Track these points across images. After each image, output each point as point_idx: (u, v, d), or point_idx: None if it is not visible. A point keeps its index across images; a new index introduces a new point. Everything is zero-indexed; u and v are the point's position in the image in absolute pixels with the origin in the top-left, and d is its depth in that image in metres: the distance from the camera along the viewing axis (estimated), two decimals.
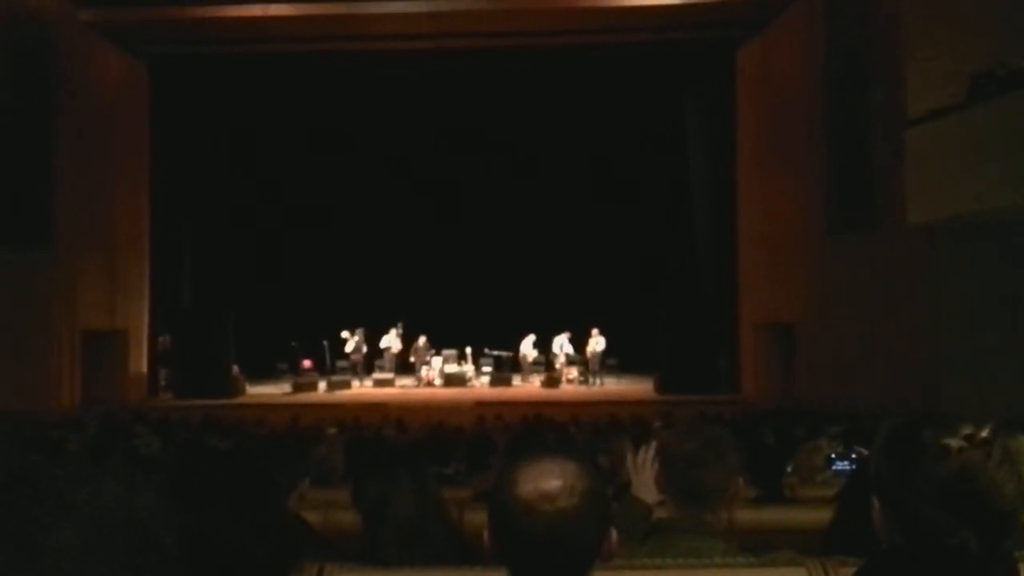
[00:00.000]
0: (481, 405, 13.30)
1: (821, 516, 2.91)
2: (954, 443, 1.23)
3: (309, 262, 18.99)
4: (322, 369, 17.37)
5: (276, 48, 15.54)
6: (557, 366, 17.00)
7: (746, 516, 3.08)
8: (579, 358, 17.04)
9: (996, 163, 8.90)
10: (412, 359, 17.33)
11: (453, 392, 16.20)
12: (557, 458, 1.38)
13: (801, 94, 13.54)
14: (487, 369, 17.56)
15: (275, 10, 14.11)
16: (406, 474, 2.42)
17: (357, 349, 17.21)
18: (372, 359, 17.64)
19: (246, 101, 16.85)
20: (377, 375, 17.22)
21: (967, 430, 1.24)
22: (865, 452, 4.03)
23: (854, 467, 3.93)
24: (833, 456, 4.24)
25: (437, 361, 17.39)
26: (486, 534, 1.41)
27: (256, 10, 14.07)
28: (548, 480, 1.32)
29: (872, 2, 11.77)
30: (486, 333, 17.34)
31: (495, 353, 17.62)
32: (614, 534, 1.40)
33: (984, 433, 1.24)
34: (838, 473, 4.11)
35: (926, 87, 10.03)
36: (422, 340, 17.26)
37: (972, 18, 9.69)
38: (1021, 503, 1.21)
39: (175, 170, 16.37)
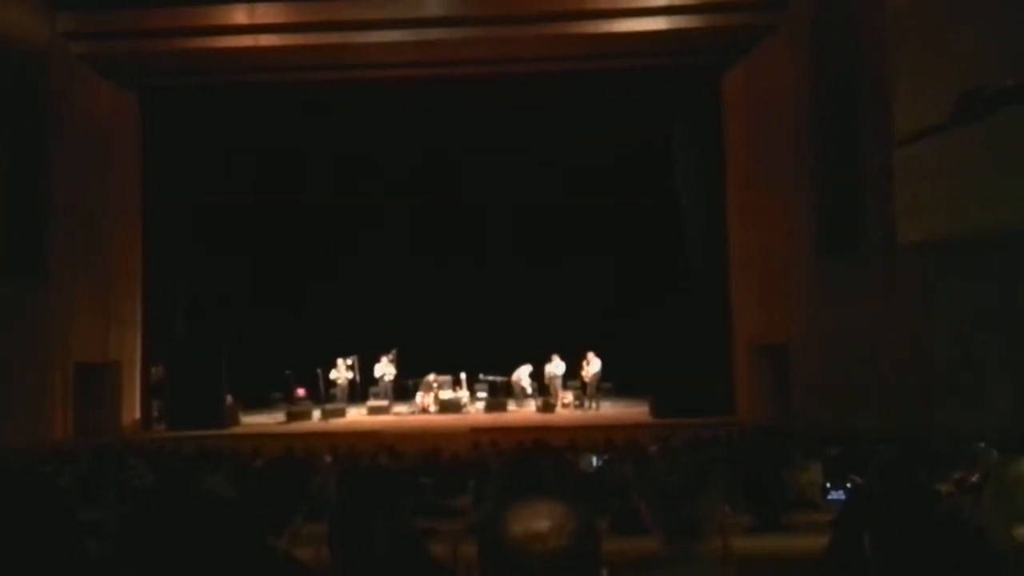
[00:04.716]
0: (477, 431, 13.25)
1: (818, 543, 2.90)
2: (944, 488, 1.24)
3: (302, 291, 18.99)
4: (316, 397, 17.33)
5: (266, 77, 15.62)
6: (549, 386, 16.98)
7: (742, 544, 3.06)
8: (575, 383, 17.05)
9: (985, 182, 8.96)
10: (419, 393, 17.25)
11: (448, 418, 16.15)
12: (547, 498, 1.38)
13: (788, 116, 13.65)
14: (482, 395, 17.54)
15: (265, 40, 14.22)
16: (381, 513, 2.38)
17: (342, 375, 17.19)
18: (367, 387, 17.61)
19: (237, 130, 16.89)
20: (372, 402, 17.16)
21: (958, 473, 1.25)
22: (860, 480, 4.03)
23: (849, 496, 3.92)
24: (828, 485, 4.24)
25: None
26: (477, 573, 1.41)
27: (246, 40, 14.18)
28: (538, 521, 1.33)
29: (857, 24, 11.89)
30: (480, 359, 17.33)
31: (490, 379, 17.61)
32: (604, 573, 1.40)
33: (975, 478, 1.25)
34: (833, 502, 4.10)
35: (913, 108, 10.10)
36: (431, 376, 17.23)
37: (958, 39, 9.78)
38: (1010, 544, 1.22)
39: (167, 200, 16.38)
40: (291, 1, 13.87)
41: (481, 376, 17.69)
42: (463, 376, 17.48)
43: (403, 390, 17.55)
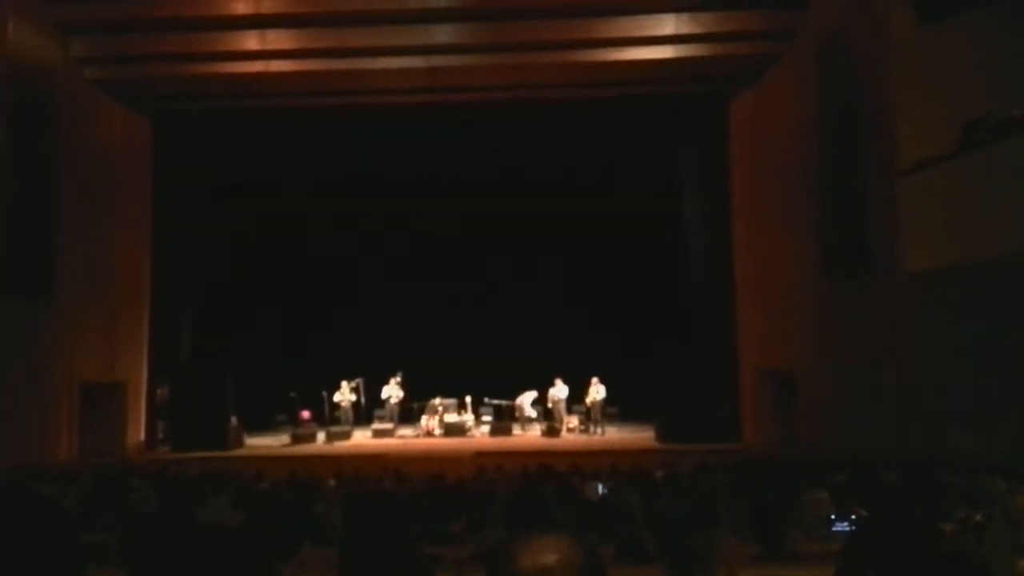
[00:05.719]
0: (481, 456, 13.20)
1: (823, 574, 2.89)
2: (948, 527, 1.25)
3: (307, 313, 19.02)
4: (321, 420, 17.31)
5: (277, 103, 15.77)
6: (553, 410, 16.92)
7: (747, 574, 3.05)
8: (580, 408, 17.00)
9: (988, 210, 8.98)
10: (424, 416, 17.24)
11: (453, 442, 16.10)
12: (554, 530, 1.39)
13: (793, 144, 13.72)
14: (487, 418, 17.50)
15: (276, 66, 14.37)
16: (389, 540, 2.38)
17: (346, 398, 17.22)
18: (371, 409, 17.59)
19: (247, 154, 16.98)
20: (376, 425, 17.13)
21: (963, 511, 1.27)
22: (864, 513, 4.02)
23: (853, 528, 3.90)
24: (832, 517, 4.22)
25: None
26: None
27: (258, 66, 14.32)
28: (546, 554, 1.34)
29: (861, 54, 11.97)
30: (486, 382, 17.30)
31: (495, 402, 17.57)
32: None
33: (978, 517, 1.26)
34: (838, 534, 4.08)
35: (917, 136, 10.16)
36: (436, 399, 17.23)
37: (960, 68, 9.85)
38: None
39: (175, 222, 16.47)
40: (302, 28, 14.02)
41: (486, 400, 17.66)
42: (468, 399, 17.46)
43: (408, 413, 17.53)
